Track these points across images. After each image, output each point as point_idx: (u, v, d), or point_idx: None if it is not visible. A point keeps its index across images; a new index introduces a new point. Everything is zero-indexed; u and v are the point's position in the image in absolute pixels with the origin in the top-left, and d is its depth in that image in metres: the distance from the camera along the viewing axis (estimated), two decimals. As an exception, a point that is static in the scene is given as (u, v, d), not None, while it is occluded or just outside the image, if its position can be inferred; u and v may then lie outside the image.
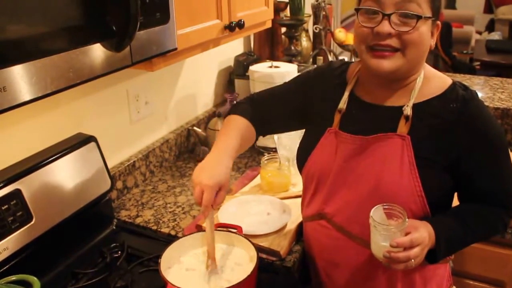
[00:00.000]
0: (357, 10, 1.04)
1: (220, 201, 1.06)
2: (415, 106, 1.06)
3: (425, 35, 1.01)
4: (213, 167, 1.06)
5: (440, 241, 1.02)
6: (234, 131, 1.18)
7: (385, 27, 0.98)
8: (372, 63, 1.03)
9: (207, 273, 1.07)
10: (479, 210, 1.10)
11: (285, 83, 1.33)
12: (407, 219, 0.97)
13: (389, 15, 0.98)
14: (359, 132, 1.10)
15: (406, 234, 0.97)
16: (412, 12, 0.98)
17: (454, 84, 1.08)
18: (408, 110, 1.05)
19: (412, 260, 0.97)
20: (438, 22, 1.04)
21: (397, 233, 0.96)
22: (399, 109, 1.07)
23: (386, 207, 1.00)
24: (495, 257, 1.78)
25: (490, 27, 6.64)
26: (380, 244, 0.98)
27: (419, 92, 1.07)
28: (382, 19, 0.99)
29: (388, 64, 1.01)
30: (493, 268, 1.80)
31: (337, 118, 1.15)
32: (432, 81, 1.09)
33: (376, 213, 0.99)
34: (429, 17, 1.00)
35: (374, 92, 1.12)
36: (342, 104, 1.15)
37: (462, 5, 7.07)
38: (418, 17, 0.97)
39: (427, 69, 1.11)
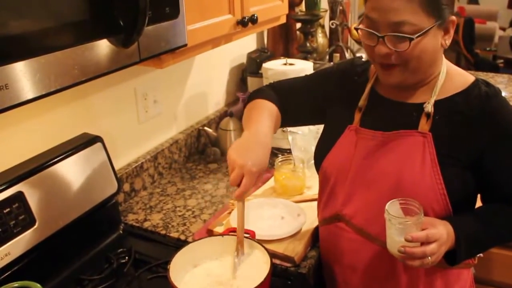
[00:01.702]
0: (356, 29, 1.08)
1: (254, 188, 1.05)
2: (437, 103, 1.07)
3: (429, 43, 1.00)
4: (257, 152, 1.05)
5: (460, 240, 1.01)
6: (267, 114, 1.18)
7: (382, 48, 1.01)
8: (381, 76, 1.08)
9: (217, 279, 1.06)
10: (503, 209, 1.09)
11: (306, 75, 1.34)
12: (423, 214, 0.97)
13: (382, 37, 1.00)
14: (380, 128, 1.11)
15: (423, 230, 0.97)
16: (402, 35, 0.97)
17: (477, 81, 1.09)
18: (429, 107, 1.06)
19: (429, 258, 0.96)
20: (453, 18, 1.02)
21: (412, 227, 0.96)
22: (420, 106, 1.07)
23: (402, 201, 1.00)
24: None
25: (515, 24, 6.56)
26: (395, 239, 0.98)
27: (441, 89, 1.08)
28: (378, 40, 1.01)
29: (394, 78, 1.05)
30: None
31: (357, 115, 1.16)
32: (455, 78, 1.10)
33: (392, 207, 0.99)
34: (428, 29, 0.98)
35: (395, 90, 1.12)
36: (363, 101, 1.16)
37: (485, 0, 7.03)
38: (410, 39, 0.97)
39: (450, 66, 1.11)
